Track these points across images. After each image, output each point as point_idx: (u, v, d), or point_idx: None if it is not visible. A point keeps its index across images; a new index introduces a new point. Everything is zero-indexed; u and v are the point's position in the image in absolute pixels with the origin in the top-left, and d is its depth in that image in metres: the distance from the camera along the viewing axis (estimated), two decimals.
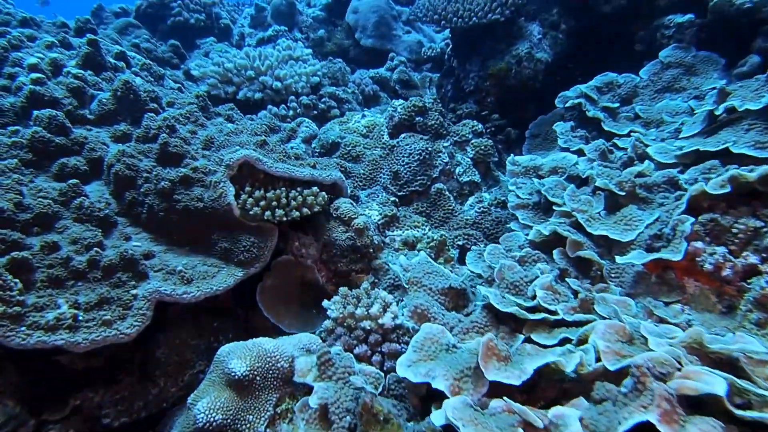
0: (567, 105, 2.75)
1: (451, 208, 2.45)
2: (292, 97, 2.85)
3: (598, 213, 1.80)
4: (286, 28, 4.21)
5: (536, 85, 3.10)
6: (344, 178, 1.95)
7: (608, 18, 3.00)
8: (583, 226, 1.74)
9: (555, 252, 1.68)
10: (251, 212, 1.61)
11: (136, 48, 3.06)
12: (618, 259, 1.53)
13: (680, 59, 2.60)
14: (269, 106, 2.82)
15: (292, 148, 2.16)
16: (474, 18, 2.94)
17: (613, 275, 1.59)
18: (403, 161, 2.50)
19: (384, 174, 2.52)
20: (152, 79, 2.25)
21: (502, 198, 2.47)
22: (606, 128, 2.49)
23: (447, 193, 2.50)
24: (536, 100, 3.27)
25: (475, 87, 3.25)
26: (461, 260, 2.13)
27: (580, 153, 2.36)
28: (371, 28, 4.31)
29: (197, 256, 1.54)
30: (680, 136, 2.06)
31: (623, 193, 1.73)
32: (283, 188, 1.71)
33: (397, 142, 2.60)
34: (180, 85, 2.49)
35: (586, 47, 3.25)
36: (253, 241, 1.60)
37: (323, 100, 2.93)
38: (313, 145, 2.69)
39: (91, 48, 1.98)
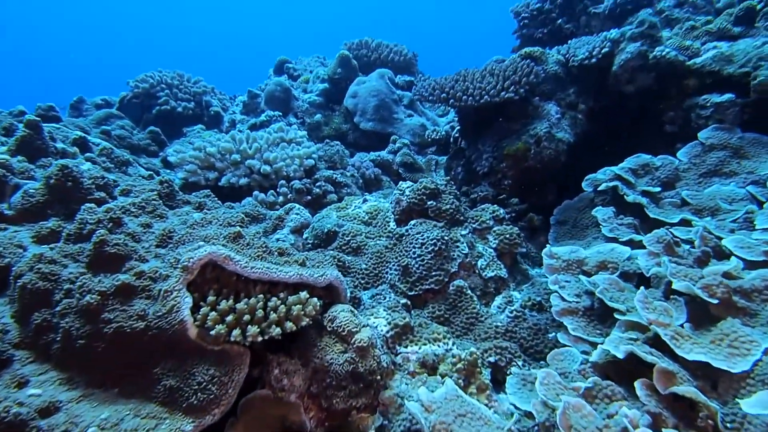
0: (600, 188, 2.47)
1: (475, 311, 2.03)
2: (283, 182, 2.57)
3: (682, 326, 1.39)
4: (281, 114, 4.12)
5: (558, 166, 2.86)
6: (342, 278, 1.57)
7: (631, 98, 2.86)
8: (666, 344, 1.31)
9: (638, 386, 1.23)
10: (213, 332, 1.19)
11: (106, 135, 2.86)
12: (744, 405, 1.09)
13: (724, 141, 2.39)
14: (255, 193, 2.53)
15: (277, 240, 1.80)
16: (486, 96, 2.78)
17: (731, 426, 1.13)
18: (414, 253, 2.13)
19: (391, 269, 2.14)
20: (112, 166, 1.97)
21: (538, 298, 2.07)
22: (651, 215, 2.18)
23: (469, 291, 2.09)
24: (558, 183, 3.02)
25: (490, 168, 3.01)
26: (494, 380, 1.67)
27: (625, 243, 2.01)
28: (371, 112, 4.23)
29: (128, 402, 1.09)
30: (757, 227, 1.72)
31: (716, 301, 1.33)
32: (261, 295, 1.31)
33: (407, 231, 2.25)
34: (152, 173, 2.21)
35: (609, 127, 3.08)
36: (212, 374, 1.16)
37: (318, 184, 2.65)
38: (305, 236, 2.34)
39: (29, 131, 1.71)
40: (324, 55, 5.48)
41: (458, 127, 3.82)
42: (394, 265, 2.16)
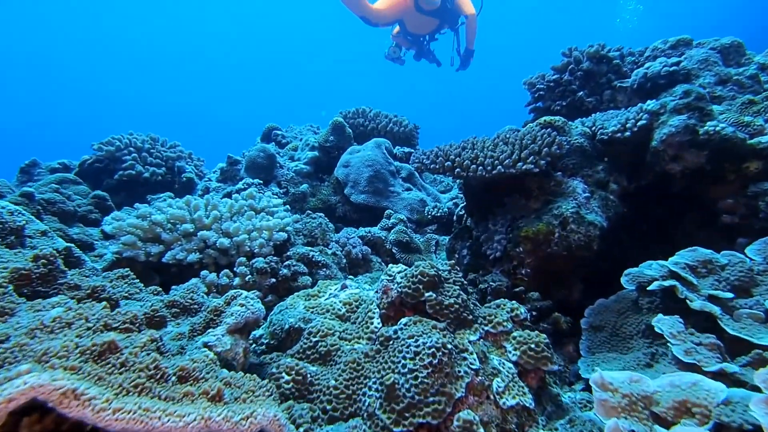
0: (649, 288, 1.97)
1: None
2: (243, 260, 2.08)
3: None
4: (262, 182, 3.76)
5: (589, 255, 2.38)
6: (283, 421, 1.01)
7: (676, 179, 2.48)
8: None
9: None
10: None
11: (27, 198, 2.42)
12: None
13: None
14: (203, 273, 2.02)
15: (203, 346, 1.26)
16: (499, 167, 2.40)
17: None
18: (403, 366, 1.58)
19: (371, 388, 1.57)
20: None
21: None
22: (729, 331, 1.66)
23: (482, 430, 1.50)
24: (585, 276, 2.54)
25: (504, 253, 2.53)
26: None
27: (712, 375, 1.47)
28: (364, 183, 3.86)
29: None
30: None
31: None
32: None
33: (395, 332, 1.72)
34: (69, 247, 1.73)
35: (647, 212, 2.66)
36: None
37: (288, 263, 2.15)
38: (259, 334, 1.80)
39: None
40: (319, 125, 5.29)
41: (463, 204, 3.42)
42: (375, 383, 1.59)
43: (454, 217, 3.95)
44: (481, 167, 2.48)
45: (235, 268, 2.06)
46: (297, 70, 51.05)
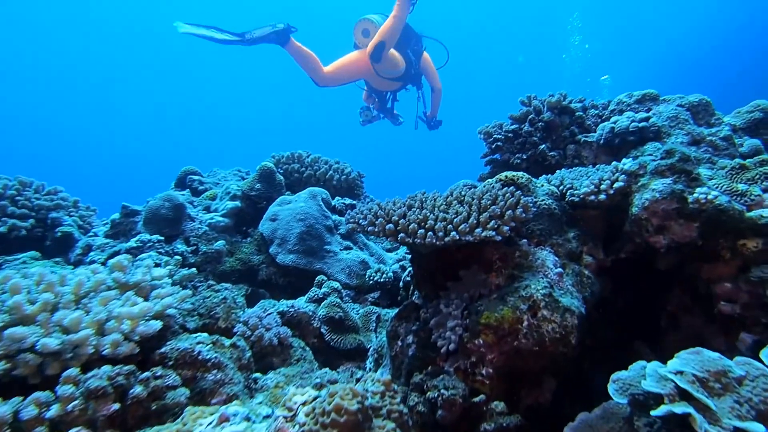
0: (656, 413, 1.48)
1: None
2: (74, 371, 1.41)
3: None
4: (163, 238, 3.08)
5: (566, 351, 1.90)
6: None
7: (658, 253, 2.09)
8: None
9: None
10: None
11: None
12: None
13: None
14: None
15: None
16: (453, 233, 1.92)
17: None
18: None
19: None
20: None
21: None
22: None
23: None
24: (560, 375, 2.06)
25: (459, 345, 2.00)
26: None
27: None
28: (294, 241, 3.28)
29: None
30: None
31: None
32: None
33: None
34: None
35: (628, 293, 2.26)
36: None
37: (150, 374, 1.50)
38: None
39: None
40: (249, 169, 4.71)
41: (410, 268, 2.91)
42: None
43: (401, 283, 3.42)
44: (431, 233, 1.99)
45: (56, 388, 1.38)
46: (246, 114, 50.53)
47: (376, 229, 2.17)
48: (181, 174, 4.09)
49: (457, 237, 2.01)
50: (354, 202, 4.06)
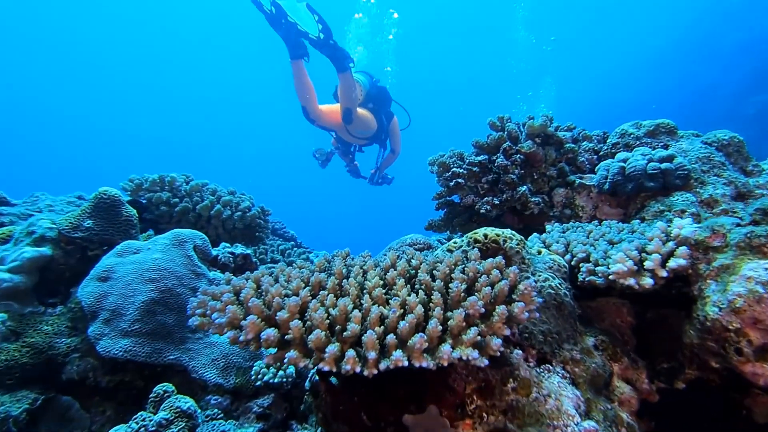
0: None
1: None
2: None
3: None
4: None
5: None
6: None
7: (751, 387, 1.25)
8: None
9: None
10: None
11: None
12: None
13: None
14: None
15: None
16: (398, 354, 0.96)
17: None
18: None
19: None
20: None
21: None
22: None
23: None
24: None
25: None
26: None
27: None
28: (135, 314, 2.16)
29: None
30: None
31: None
32: None
33: None
34: None
35: None
36: None
37: None
38: None
39: None
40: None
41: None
42: None
43: (307, 383, 2.38)
44: (352, 353, 1.00)
45: None
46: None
47: (245, 337, 1.13)
48: None
49: (405, 362, 1.04)
50: (248, 251, 2.95)
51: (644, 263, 1.37)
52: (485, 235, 1.53)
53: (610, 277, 1.40)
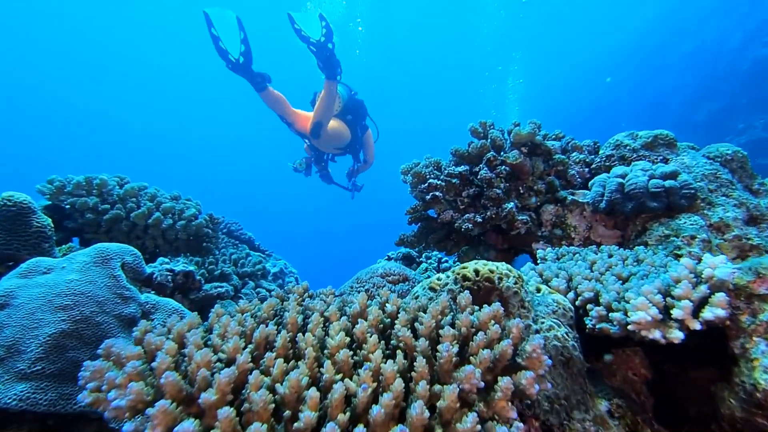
0: None
1: None
2: None
3: None
4: None
5: None
6: None
7: None
8: None
9: None
10: None
11: None
12: None
13: None
14: None
15: None
16: None
17: None
18: None
19: None
20: None
21: None
22: None
23: None
24: None
25: None
26: None
27: None
28: (37, 352, 1.77)
29: None
30: None
31: None
32: None
33: None
34: None
35: None
36: None
37: None
38: None
39: None
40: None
41: None
42: None
43: None
44: None
45: None
46: None
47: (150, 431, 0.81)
48: None
49: None
50: (190, 268, 2.57)
51: (671, 311, 1.13)
52: (476, 271, 1.25)
53: (630, 327, 1.15)
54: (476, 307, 1.14)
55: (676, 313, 1.11)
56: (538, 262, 1.75)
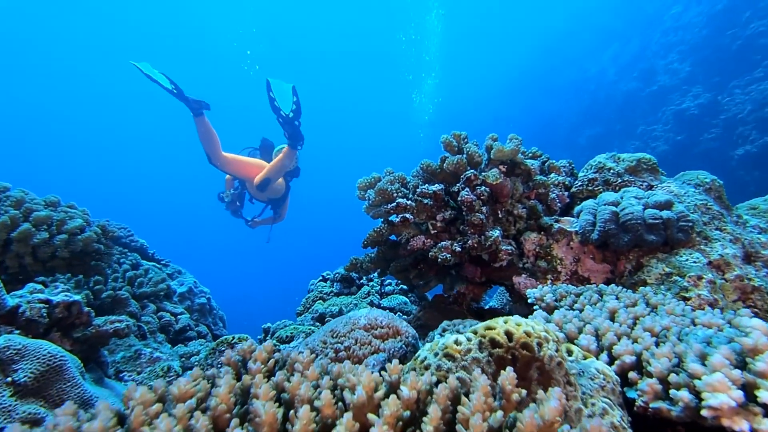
0: None
1: None
2: None
3: None
4: None
5: None
6: None
7: None
8: None
9: None
10: None
11: None
12: None
13: None
14: None
15: None
16: None
17: None
18: None
19: None
20: None
21: None
22: None
23: None
24: None
25: None
26: None
27: None
28: None
29: None
30: None
31: None
32: None
33: None
34: None
35: None
36: None
37: None
38: None
39: None
40: None
41: None
42: None
43: None
44: None
45: None
46: None
47: None
48: None
49: None
50: (75, 297, 2.00)
51: (755, 392, 0.92)
52: (508, 334, 0.97)
53: (704, 412, 0.93)
54: (524, 392, 0.84)
55: (764, 396, 0.90)
56: (533, 305, 1.51)
